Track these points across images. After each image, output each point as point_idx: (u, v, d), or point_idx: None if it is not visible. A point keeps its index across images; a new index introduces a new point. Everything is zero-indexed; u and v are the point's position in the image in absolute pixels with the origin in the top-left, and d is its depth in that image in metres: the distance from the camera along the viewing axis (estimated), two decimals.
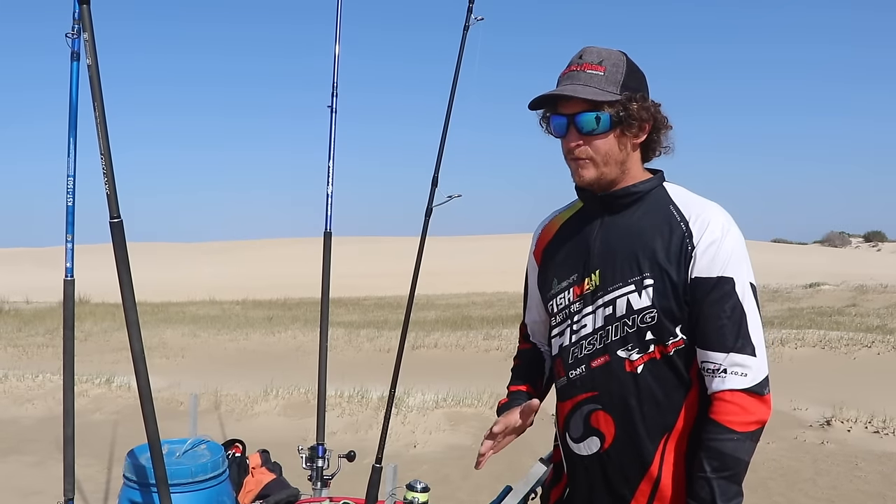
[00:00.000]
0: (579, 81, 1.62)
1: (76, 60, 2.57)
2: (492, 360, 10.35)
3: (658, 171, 1.75)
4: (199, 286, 25.96)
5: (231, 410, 6.98)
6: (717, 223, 1.61)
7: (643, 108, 1.64)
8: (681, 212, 1.64)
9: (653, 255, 1.61)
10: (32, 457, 5.69)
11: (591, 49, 1.66)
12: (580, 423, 1.72)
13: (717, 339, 1.58)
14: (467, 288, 24.06)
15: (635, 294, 1.61)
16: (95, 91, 1.86)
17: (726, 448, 1.56)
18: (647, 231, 1.64)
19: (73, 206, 2.55)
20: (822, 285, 20.50)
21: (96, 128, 1.88)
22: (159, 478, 2.01)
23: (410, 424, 6.31)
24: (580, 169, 1.66)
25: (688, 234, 1.60)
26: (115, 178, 1.92)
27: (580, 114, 1.62)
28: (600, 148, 1.64)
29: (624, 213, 1.69)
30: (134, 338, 1.91)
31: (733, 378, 1.57)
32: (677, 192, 1.70)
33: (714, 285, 1.58)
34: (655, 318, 1.60)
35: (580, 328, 1.70)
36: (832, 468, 5.31)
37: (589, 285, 1.69)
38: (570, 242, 1.77)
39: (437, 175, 3.06)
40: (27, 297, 21.17)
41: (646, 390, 1.63)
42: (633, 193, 1.68)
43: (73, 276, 2.51)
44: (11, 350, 11.75)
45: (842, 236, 61.75)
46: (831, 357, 9.60)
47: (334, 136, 3.28)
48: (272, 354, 11.42)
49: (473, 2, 3.04)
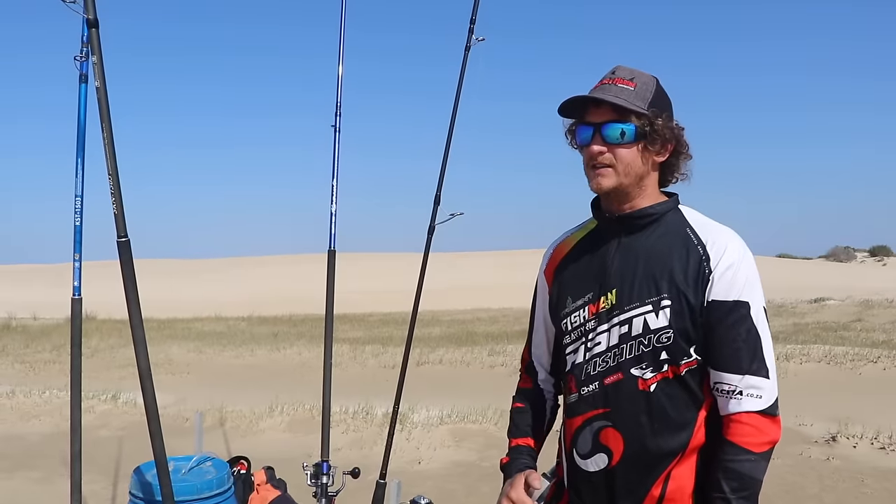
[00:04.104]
0: (610, 93, 1.66)
1: (84, 83, 2.62)
2: (496, 375, 10.34)
3: (673, 193, 1.78)
4: (205, 302, 26.02)
5: (236, 427, 7.00)
6: (733, 248, 1.65)
7: (667, 127, 1.68)
8: (697, 235, 1.68)
9: (671, 276, 1.64)
10: (39, 473, 5.71)
11: (623, 67, 1.71)
12: (589, 439, 1.73)
13: (734, 361, 1.62)
14: (472, 304, 24.04)
15: (652, 314, 1.64)
16: (104, 113, 1.90)
17: (744, 469, 1.59)
18: (665, 253, 1.67)
19: (81, 226, 2.58)
20: (827, 300, 20.43)
21: (104, 148, 1.92)
22: (165, 495, 2.03)
23: (415, 441, 6.31)
24: (599, 177, 1.68)
25: (705, 258, 1.64)
26: (122, 198, 1.95)
27: (607, 123, 1.66)
28: (623, 157, 1.67)
29: (640, 234, 1.71)
30: (141, 356, 1.93)
31: (749, 400, 1.61)
32: (693, 216, 1.74)
33: (731, 309, 1.62)
34: (671, 339, 1.63)
35: (594, 346, 1.71)
36: (838, 484, 5.28)
37: (605, 304, 1.70)
38: (586, 261, 1.79)
39: (440, 193, 3.09)
40: (34, 313, 21.25)
41: (657, 409, 1.65)
42: (651, 215, 1.71)
43: (81, 294, 2.54)
44: (18, 366, 11.79)
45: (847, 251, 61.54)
46: (837, 372, 9.57)
47: (338, 155, 3.28)
48: (277, 371, 11.43)
49: (475, 23, 3.09)
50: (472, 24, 3.08)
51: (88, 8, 1.90)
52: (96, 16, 1.90)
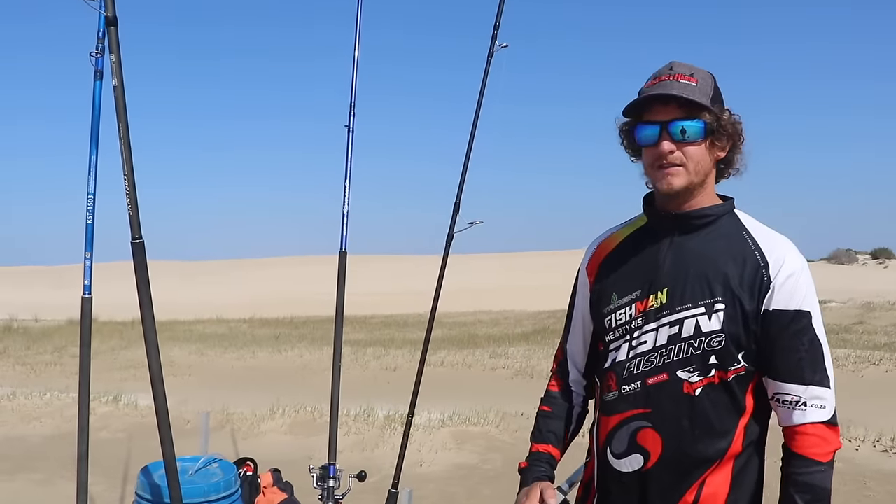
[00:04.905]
0: (675, 90, 1.60)
1: (99, 79, 2.60)
2: (498, 378, 10.34)
3: (730, 197, 1.73)
4: (206, 304, 26.02)
5: (238, 429, 7.00)
6: (793, 257, 1.61)
7: (731, 122, 1.65)
8: (756, 241, 1.64)
9: (726, 280, 1.60)
10: (40, 475, 5.69)
11: (679, 63, 1.66)
12: (625, 438, 1.69)
13: (797, 372, 1.60)
14: (474, 306, 24.04)
15: (705, 317, 1.60)
16: (120, 112, 1.86)
17: (816, 480, 1.60)
18: (721, 256, 1.62)
19: (93, 224, 2.55)
20: (828, 303, 20.40)
21: (120, 148, 1.87)
22: (174, 498, 2.02)
23: (416, 443, 6.29)
24: (670, 176, 1.62)
25: (763, 265, 1.60)
26: (137, 199, 1.92)
27: (676, 120, 1.61)
28: (694, 155, 1.62)
29: (696, 235, 1.67)
30: (153, 358, 1.91)
31: (814, 411, 1.60)
32: (749, 221, 1.69)
33: (792, 318, 1.59)
34: (722, 343, 1.59)
35: (639, 344, 1.67)
36: (840, 487, 5.27)
37: (654, 302, 1.66)
38: (634, 258, 1.73)
39: (459, 201, 3.02)
40: (36, 315, 21.25)
41: (701, 414, 1.62)
42: (708, 216, 1.66)
43: (91, 293, 2.53)
44: (20, 368, 11.80)
45: (848, 253, 61.44)
46: (838, 375, 9.28)
47: (351, 155, 3.19)
48: (279, 373, 11.42)
49: (498, 29, 3.02)
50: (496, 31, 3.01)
51: (108, 6, 1.88)
52: (115, 14, 1.88)
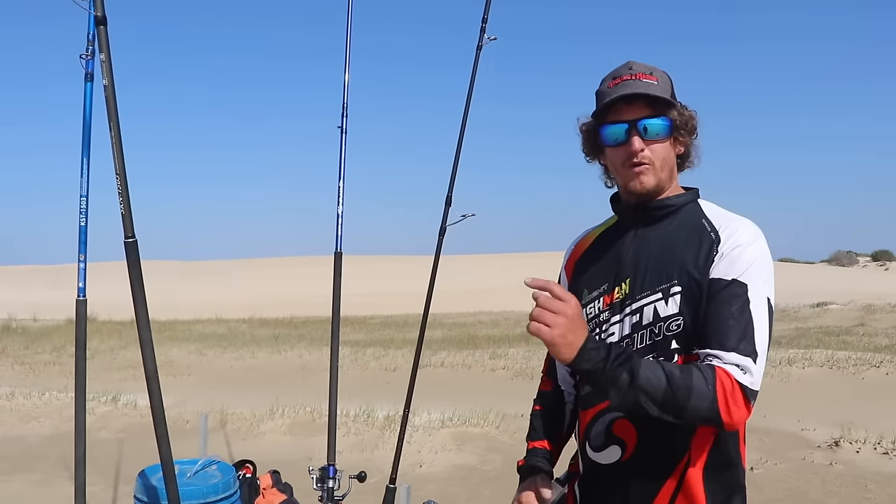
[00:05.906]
0: (640, 88, 1.60)
1: (90, 81, 2.60)
2: (498, 379, 10.33)
3: (694, 188, 1.76)
4: (206, 304, 26.01)
5: (237, 429, 6.98)
6: (745, 232, 1.59)
7: (690, 118, 1.67)
8: (712, 224, 1.64)
9: (682, 264, 1.60)
10: (38, 475, 5.68)
11: (637, 62, 1.66)
12: (601, 431, 1.70)
13: (721, 338, 1.50)
14: (473, 307, 24.04)
15: (662, 301, 1.60)
16: (111, 111, 1.86)
17: (694, 383, 1.45)
18: (680, 243, 1.64)
19: (87, 226, 2.56)
20: (829, 305, 20.43)
21: (112, 147, 1.87)
22: (171, 498, 2.01)
23: (416, 444, 6.29)
24: (641, 175, 1.64)
25: (716, 241, 1.59)
26: (130, 198, 1.92)
27: (644, 118, 1.62)
28: (660, 153, 1.64)
29: (657, 226, 1.69)
30: (148, 358, 1.90)
31: (734, 369, 1.48)
32: (711, 208, 1.70)
33: (726, 286, 1.54)
34: (681, 327, 1.58)
35: (608, 336, 1.68)
36: (841, 490, 5.27)
37: (619, 294, 1.68)
38: (604, 254, 1.77)
39: (451, 194, 3.04)
40: (35, 314, 21.24)
41: None
42: (669, 206, 1.69)
43: (86, 296, 2.52)
44: (18, 367, 11.78)
45: (849, 255, 61.54)
46: (839, 377, 9.54)
47: (345, 156, 3.23)
48: (278, 373, 11.40)
49: (486, 21, 3.04)
50: (484, 24, 3.01)
51: (97, 5, 1.88)
52: (104, 13, 1.88)
